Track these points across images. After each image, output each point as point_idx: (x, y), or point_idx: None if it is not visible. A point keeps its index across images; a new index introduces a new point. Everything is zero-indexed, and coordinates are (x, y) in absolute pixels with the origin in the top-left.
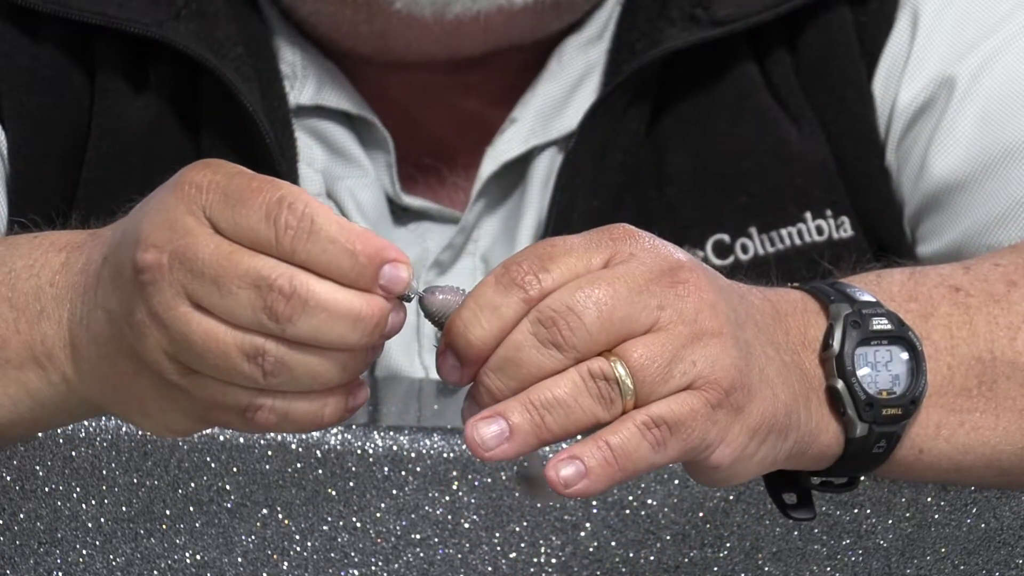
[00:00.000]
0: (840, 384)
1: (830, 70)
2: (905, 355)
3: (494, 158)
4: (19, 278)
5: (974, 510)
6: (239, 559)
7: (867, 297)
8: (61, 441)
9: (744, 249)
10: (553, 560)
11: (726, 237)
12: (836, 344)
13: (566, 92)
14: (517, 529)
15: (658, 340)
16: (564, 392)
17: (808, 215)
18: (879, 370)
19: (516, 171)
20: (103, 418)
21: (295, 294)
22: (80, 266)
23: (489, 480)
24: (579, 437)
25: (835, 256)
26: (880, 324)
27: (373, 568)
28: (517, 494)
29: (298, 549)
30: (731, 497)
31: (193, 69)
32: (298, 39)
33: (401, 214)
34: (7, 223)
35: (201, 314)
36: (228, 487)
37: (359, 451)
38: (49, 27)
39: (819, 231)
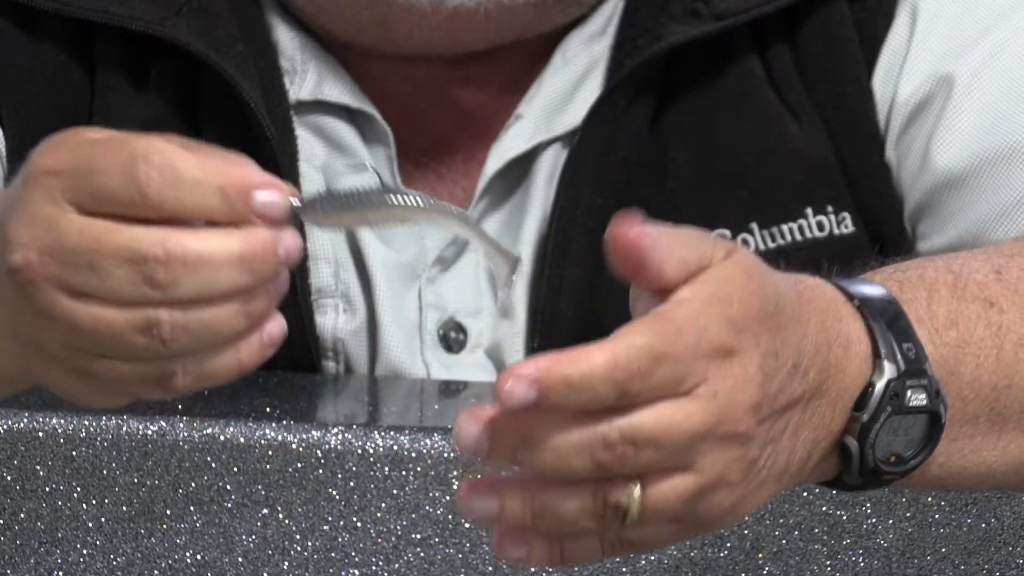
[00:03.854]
0: (854, 446)
1: (830, 65)
2: (927, 423)
3: (499, 155)
4: None
5: (974, 510)
6: (240, 559)
7: (914, 350)
8: (62, 441)
9: (745, 245)
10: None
11: (727, 232)
12: (868, 413)
13: (570, 88)
14: None
15: (686, 483)
16: (572, 511)
17: (809, 211)
18: (898, 435)
19: (520, 168)
20: (103, 417)
21: (171, 257)
22: None
23: None
24: None
25: (836, 253)
26: (918, 400)
27: (374, 568)
28: None
29: (299, 549)
30: None
31: (194, 67)
32: (298, 32)
33: None
34: None
35: (85, 302)
36: (229, 487)
37: (360, 451)
38: (49, 25)
39: (820, 227)
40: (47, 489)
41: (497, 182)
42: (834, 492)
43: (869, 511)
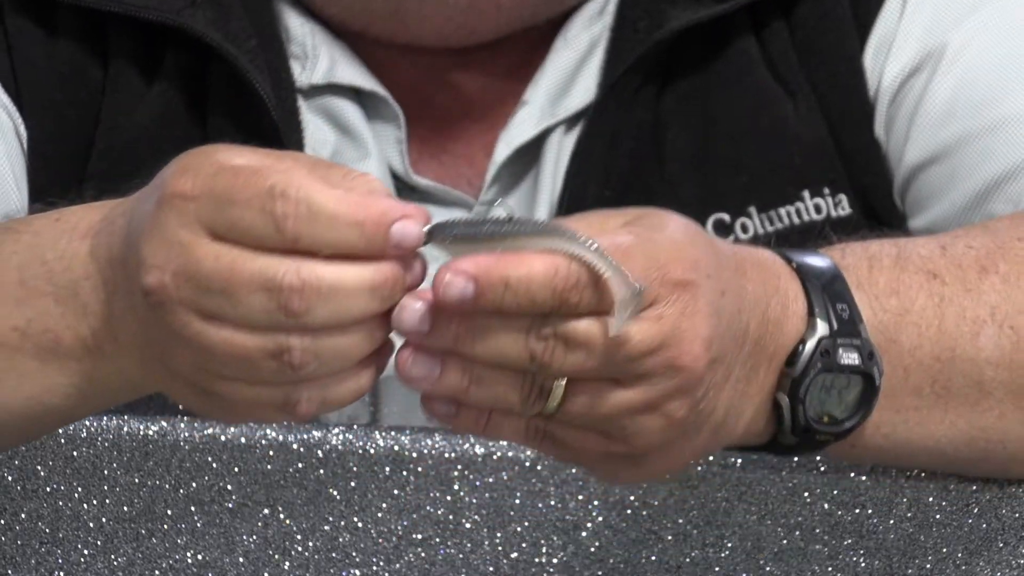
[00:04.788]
0: (786, 403)
1: (825, 44)
2: (861, 387)
3: (507, 143)
4: (53, 272)
5: (975, 510)
6: (240, 559)
7: (848, 310)
8: (63, 441)
9: (744, 228)
10: (554, 560)
11: (726, 217)
12: (799, 369)
13: (572, 70)
14: (519, 529)
15: (616, 396)
16: (502, 386)
17: (806, 194)
18: (831, 395)
19: (528, 155)
20: (104, 418)
21: (306, 286)
22: (105, 257)
23: (491, 480)
24: None
25: (834, 235)
26: (849, 358)
27: (374, 568)
28: None
29: (299, 549)
30: (733, 497)
31: (204, 58)
32: (308, 20)
33: (408, 194)
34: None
35: (217, 326)
36: (230, 487)
37: (360, 451)
38: (65, 19)
39: (817, 210)
40: (48, 489)
41: (506, 169)
42: (835, 492)
43: (870, 511)
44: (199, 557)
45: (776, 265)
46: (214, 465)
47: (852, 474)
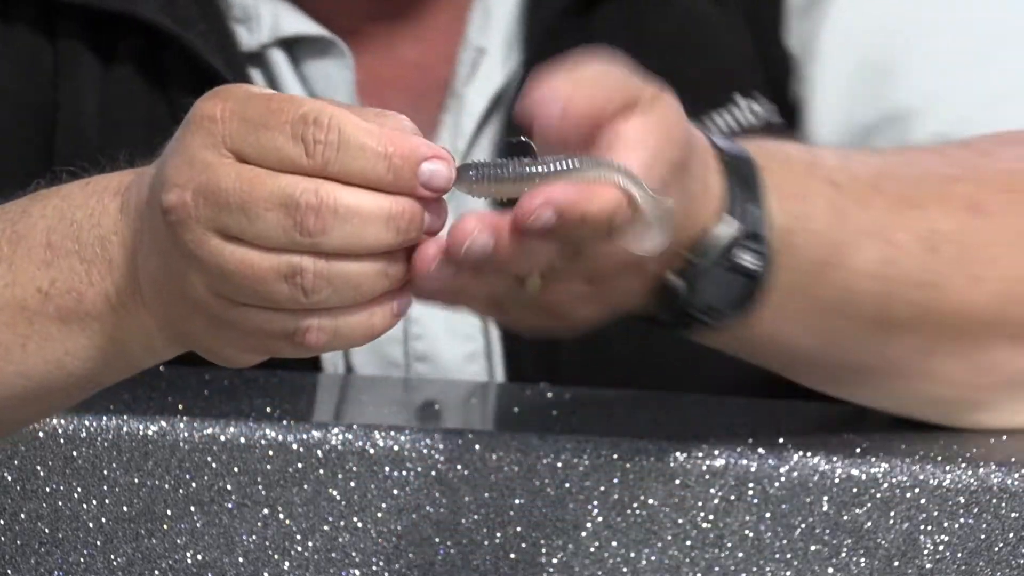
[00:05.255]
0: (680, 285)
1: None
2: (750, 286)
3: (481, 94)
4: (82, 229)
5: (975, 510)
6: (240, 559)
7: (759, 212)
8: (62, 441)
9: None
10: (554, 560)
11: None
12: (698, 259)
13: (512, 5)
14: (518, 529)
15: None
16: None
17: (739, 98)
18: (719, 289)
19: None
20: (104, 418)
21: (323, 205)
22: (134, 210)
23: (490, 480)
24: None
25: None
26: (748, 260)
27: (374, 568)
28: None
29: (299, 549)
30: (732, 497)
31: (155, 43)
32: None
33: None
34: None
35: (233, 244)
36: (229, 487)
37: (360, 451)
38: (17, 8)
39: (754, 114)
40: (47, 489)
41: (484, 120)
42: (834, 492)
43: (870, 512)
44: (199, 557)
45: (707, 155)
46: (213, 465)
47: (852, 474)
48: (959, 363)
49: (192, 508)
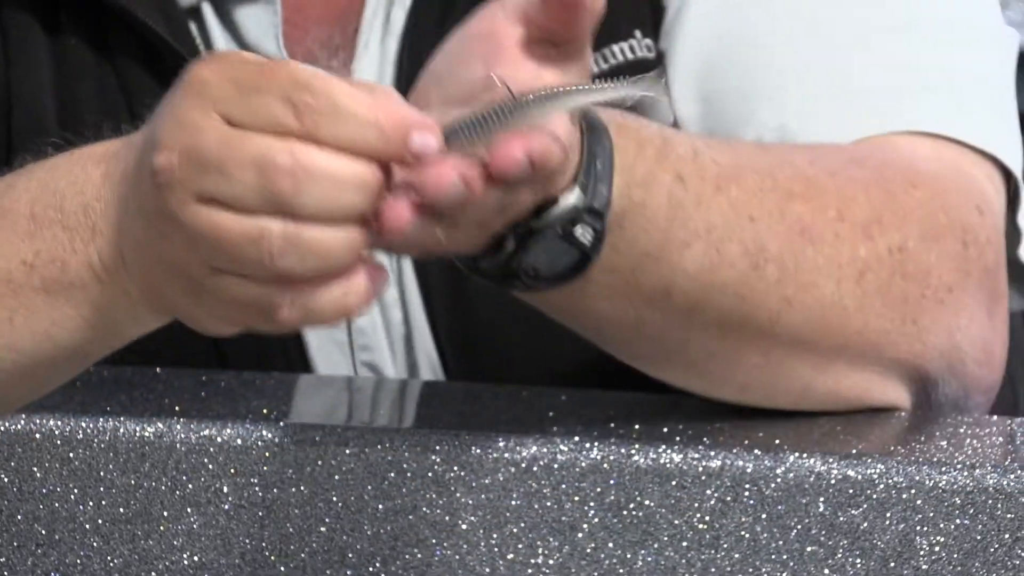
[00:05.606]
0: (510, 245)
1: None
2: (575, 260)
3: (403, 7)
4: (64, 197)
5: (970, 510)
6: (237, 561)
7: (605, 192)
8: (59, 442)
9: None
10: (551, 561)
11: None
12: (537, 224)
13: None
14: (515, 530)
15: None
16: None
17: (638, 32)
18: (547, 256)
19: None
20: (100, 419)
21: (297, 166)
22: (120, 175)
23: (487, 481)
24: None
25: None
26: (583, 236)
27: (371, 569)
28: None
29: (296, 551)
30: (728, 498)
31: (97, 13)
32: None
33: None
34: None
35: (211, 207)
36: (226, 489)
37: (356, 453)
38: None
39: (649, 49)
40: (44, 491)
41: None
42: (830, 493)
43: (866, 513)
44: (195, 559)
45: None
46: (210, 467)
47: (848, 475)
48: (760, 375)
49: (189, 509)
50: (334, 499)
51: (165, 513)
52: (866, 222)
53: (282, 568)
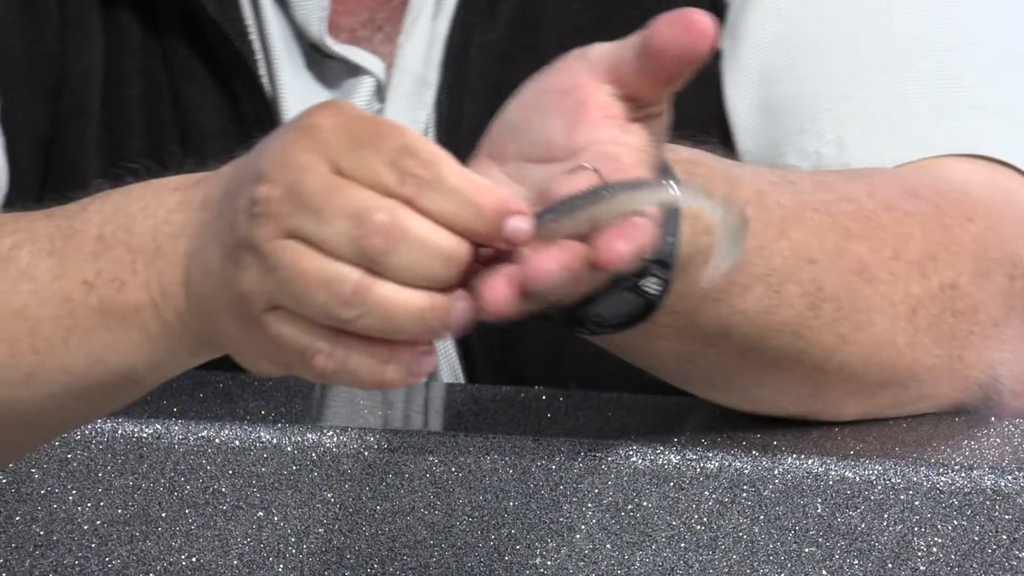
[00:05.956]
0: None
1: None
2: (640, 308)
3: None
4: (134, 220)
5: (968, 512)
6: (235, 562)
7: (673, 242)
8: (57, 444)
9: None
10: (548, 563)
11: None
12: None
13: None
14: (512, 532)
15: None
16: None
17: None
18: (614, 306)
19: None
20: (99, 421)
21: (394, 226)
22: (199, 202)
23: (485, 482)
24: None
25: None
26: (652, 287)
27: (369, 571)
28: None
29: (294, 552)
30: (726, 499)
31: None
32: None
33: (321, 59)
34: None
35: (297, 243)
36: (224, 489)
37: (355, 454)
38: None
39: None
40: (42, 492)
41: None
42: (828, 494)
43: (864, 514)
44: (193, 560)
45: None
46: (208, 467)
47: (846, 476)
48: (805, 402)
49: (187, 511)
50: (331, 500)
51: (163, 514)
52: (921, 259)
53: (280, 569)
